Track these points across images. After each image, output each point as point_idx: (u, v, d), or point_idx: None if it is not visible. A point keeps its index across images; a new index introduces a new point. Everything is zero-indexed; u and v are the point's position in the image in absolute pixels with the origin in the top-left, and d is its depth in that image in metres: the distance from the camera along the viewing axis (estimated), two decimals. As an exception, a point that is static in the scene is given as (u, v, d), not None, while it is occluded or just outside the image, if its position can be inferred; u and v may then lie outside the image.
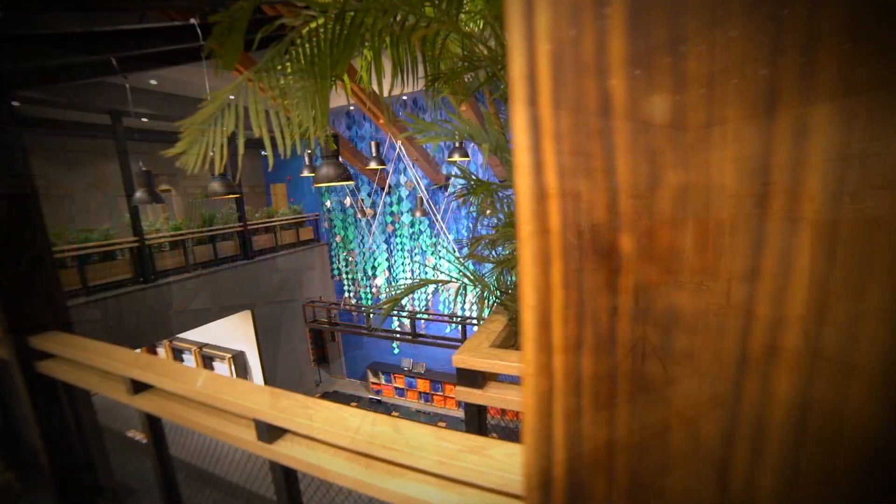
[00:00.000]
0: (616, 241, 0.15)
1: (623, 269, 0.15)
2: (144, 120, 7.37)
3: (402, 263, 9.50)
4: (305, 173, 7.29)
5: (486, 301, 1.70)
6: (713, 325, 0.15)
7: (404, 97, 8.30)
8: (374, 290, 9.97)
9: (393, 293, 8.89)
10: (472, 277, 1.63)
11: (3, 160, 1.87)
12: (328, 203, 10.03)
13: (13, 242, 1.88)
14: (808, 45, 0.14)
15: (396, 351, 10.10)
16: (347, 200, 9.63)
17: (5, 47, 3.07)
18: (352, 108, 8.83)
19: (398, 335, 8.29)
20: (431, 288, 9.17)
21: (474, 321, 7.95)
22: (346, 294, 10.29)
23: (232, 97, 1.36)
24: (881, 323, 0.15)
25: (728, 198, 0.14)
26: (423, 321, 8.77)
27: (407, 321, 9.03)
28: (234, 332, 8.28)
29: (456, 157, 5.91)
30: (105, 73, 4.40)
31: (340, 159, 3.78)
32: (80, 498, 2.09)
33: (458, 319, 7.53)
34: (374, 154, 6.99)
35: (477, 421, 1.39)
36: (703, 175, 0.14)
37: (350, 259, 10.08)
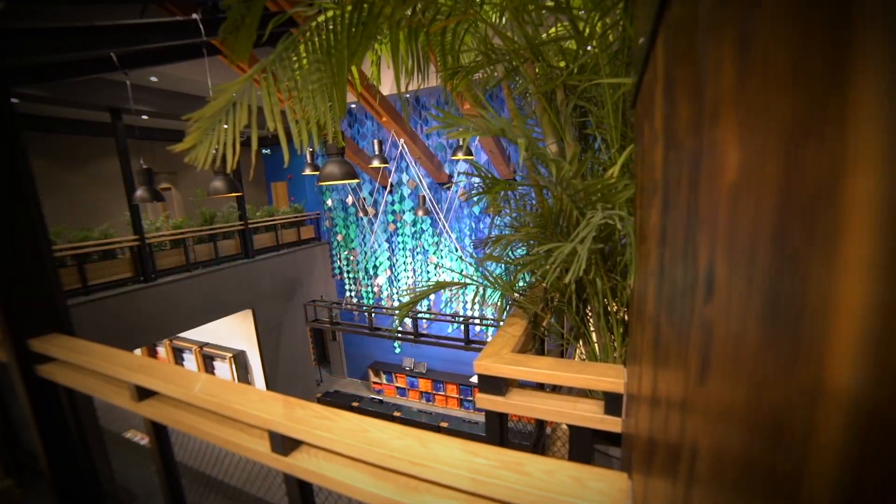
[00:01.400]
0: None
1: None
2: (145, 117, 7.30)
3: (404, 262, 9.44)
4: (307, 171, 7.23)
5: (503, 303, 1.64)
6: None
7: (406, 95, 8.22)
8: (375, 289, 9.91)
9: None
10: (491, 279, 1.58)
11: (2, 158, 1.81)
12: (329, 202, 9.96)
13: (13, 242, 1.81)
14: None
15: (398, 350, 10.05)
16: (349, 199, 9.56)
17: (5, 42, 3.00)
18: (353, 105, 8.76)
19: (400, 335, 8.23)
20: (433, 287, 9.11)
21: (476, 321, 7.90)
22: (348, 293, 10.23)
23: (234, 94, 1.30)
24: None
25: None
26: (424, 320, 8.71)
27: (409, 320, 8.98)
28: (234, 331, 8.23)
29: (460, 156, 5.85)
30: (105, 70, 4.34)
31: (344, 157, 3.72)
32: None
33: (461, 319, 7.47)
34: (376, 152, 6.94)
35: (498, 428, 1.33)
36: None
37: (351, 258, 10.01)
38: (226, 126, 1.21)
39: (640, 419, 0.69)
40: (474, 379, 9.19)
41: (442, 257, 8.98)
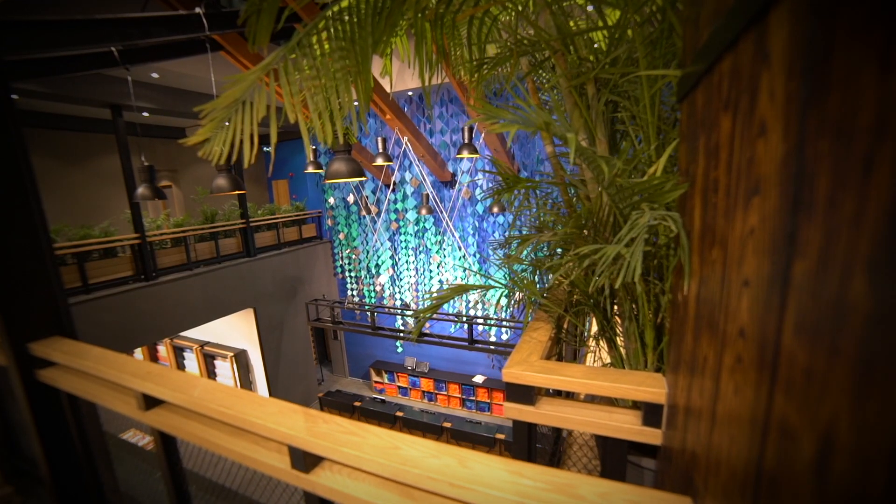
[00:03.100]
0: None
1: None
2: (146, 114, 7.21)
3: (407, 261, 9.37)
4: (309, 169, 7.15)
5: (529, 305, 1.58)
6: None
7: (409, 93, 8.15)
8: (377, 288, 9.83)
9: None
10: (520, 282, 1.51)
11: (2, 155, 1.73)
12: (331, 200, 9.88)
13: (12, 241, 1.74)
14: None
15: (400, 350, 9.98)
16: (351, 197, 9.48)
17: (5, 36, 2.92)
18: (356, 103, 8.66)
19: (402, 334, 8.17)
20: (436, 286, 9.05)
21: (480, 320, 7.83)
22: (350, 292, 10.15)
23: (250, 84, 1.23)
24: None
25: None
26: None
27: (411, 320, 8.91)
28: (236, 330, 8.16)
29: (465, 154, 5.77)
30: (106, 65, 4.26)
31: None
32: (84, 511, 1.96)
33: (465, 319, 7.41)
34: (380, 150, 6.86)
35: (527, 439, 1.26)
36: None
37: (353, 257, 9.93)
38: (227, 124, 1.13)
39: (714, 440, 0.62)
40: (476, 379, 9.12)
41: (445, 256, 8.91)
